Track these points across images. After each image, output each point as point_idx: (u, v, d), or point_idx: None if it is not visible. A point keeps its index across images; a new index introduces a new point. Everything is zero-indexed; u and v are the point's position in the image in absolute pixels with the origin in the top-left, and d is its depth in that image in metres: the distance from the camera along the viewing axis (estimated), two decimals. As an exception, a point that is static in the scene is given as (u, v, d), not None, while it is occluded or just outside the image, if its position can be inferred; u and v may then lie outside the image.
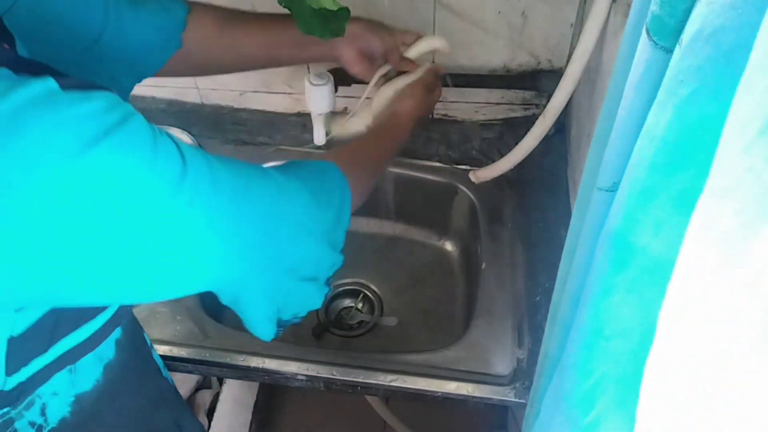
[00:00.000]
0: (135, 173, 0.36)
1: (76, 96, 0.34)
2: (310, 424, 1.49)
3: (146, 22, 0.65)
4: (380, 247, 1.18)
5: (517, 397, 0.77)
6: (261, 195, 0.47)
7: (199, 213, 0.40)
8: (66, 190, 0.33)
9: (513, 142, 0.97)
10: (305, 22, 0.70)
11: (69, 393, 0.50)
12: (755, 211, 0.26)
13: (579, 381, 0.42)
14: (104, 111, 0.35)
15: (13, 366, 0.43)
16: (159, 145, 0.38)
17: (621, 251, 0.35)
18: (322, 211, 0.54)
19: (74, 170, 0.33)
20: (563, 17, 0.94)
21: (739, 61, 0.24)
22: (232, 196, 0.44)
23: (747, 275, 0.28)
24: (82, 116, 0.34)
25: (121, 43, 0.63)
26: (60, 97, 0.34)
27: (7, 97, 0.32)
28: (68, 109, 0.33)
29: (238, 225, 0.44)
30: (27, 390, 0.46)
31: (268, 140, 1.17)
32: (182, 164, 0.39)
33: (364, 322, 1.09)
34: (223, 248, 0.43)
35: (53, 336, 0.45)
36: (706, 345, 0.32)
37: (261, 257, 0.47)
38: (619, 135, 0.38)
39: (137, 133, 0.37)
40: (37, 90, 0.33)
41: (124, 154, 0.35)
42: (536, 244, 0.95)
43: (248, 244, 0.45)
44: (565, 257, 0.55)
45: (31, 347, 0.44)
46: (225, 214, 0.43)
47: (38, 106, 0.32)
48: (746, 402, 0.33)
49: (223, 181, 0.43)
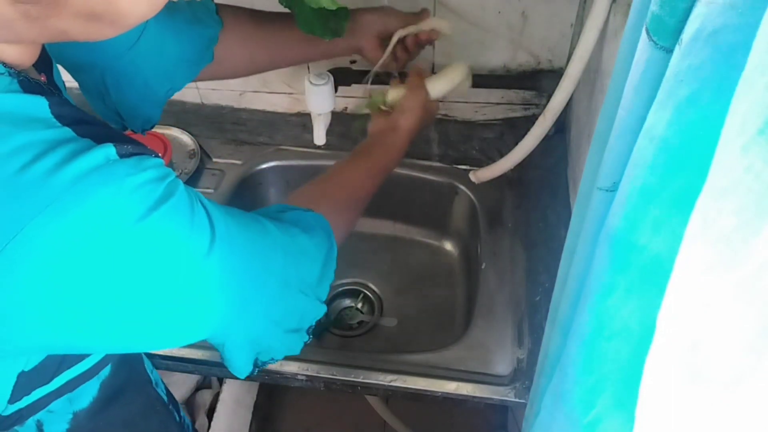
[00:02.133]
0: (176, 243, 0.39)
1: (132, 165, 0.37)
2: (310, 424, 1.49)
3: (181, 32, 0.67)
4: (380, 247, 1.18)
5: (517, 397, 0.77)
6: (260, 252, 0.50)
7: (217, 276, 0.43)
8: (117, 254, 0.36)
9: (513, 142, 0.97)
10: (306, 22, 0.70)
11: (67, 411, 0.52)
12: (754, 211, 0.26)
13: (579, 381, 0.42)
14: (155, 181, 0.38)
15: (17, 396, 0.45)
16: (195, 215, 0.41)
17: (621, 251, 0.35)
18: (310, 266, 0.56)
19: (127, 237, 0.36)
20: (563, 17, 0.94)
21: (739, 61, 0.24)
22: (241, 257, 0.46)
23: (746, 275, 0.28)
24: (138, 186, 0.37)
25: (155, 51, 0.65)
26: (118, 168, 0.36)
27: (71, 163, 0.34)
28: (126, 179, 0.36)
29: (241, 282, 0.47)
30: (24, 416, 0.47)
31: (268, 140, 1.17)
32: (211, 234, 0.42)
33: (364, 322, 1.09)
34: (227, 304, 0.46)
35: (58, 369, 0.47)
36: (705, 344, 0.32)
37: (252, 309, 0.50)
38: (619, 135, 0.38)
39: (181, 204, 0.40)
40: (99, 159, 0.36)
41: (169, 225, 0.38)
42: (536, 244, 0.95)
43: (244, 299, 0.48)
44: (565, 257, 0.55)
45: (37, 379, 0.46)
46: (234, 274, 0.45)
47: (100, 176, 0.35)
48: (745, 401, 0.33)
49: (237, 244, 0.46)
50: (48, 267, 0.34)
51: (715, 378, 0.33)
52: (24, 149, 0.34)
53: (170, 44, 0.66)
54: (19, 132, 0.34)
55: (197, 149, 1.15)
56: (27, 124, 0.35)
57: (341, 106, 1.15)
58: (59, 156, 0.34)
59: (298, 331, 0.56)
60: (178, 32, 0.66)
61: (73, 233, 0.34)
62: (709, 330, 0.32)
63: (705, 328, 0.32)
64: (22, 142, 0.34)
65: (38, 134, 0.35)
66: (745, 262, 0.28)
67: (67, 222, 0.34)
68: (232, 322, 0.48)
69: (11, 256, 0.33)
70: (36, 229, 0.33)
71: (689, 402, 0.35)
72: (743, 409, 0.34)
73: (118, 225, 0.36)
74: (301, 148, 1.15)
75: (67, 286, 0.36)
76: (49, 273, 0.35)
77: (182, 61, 0.69)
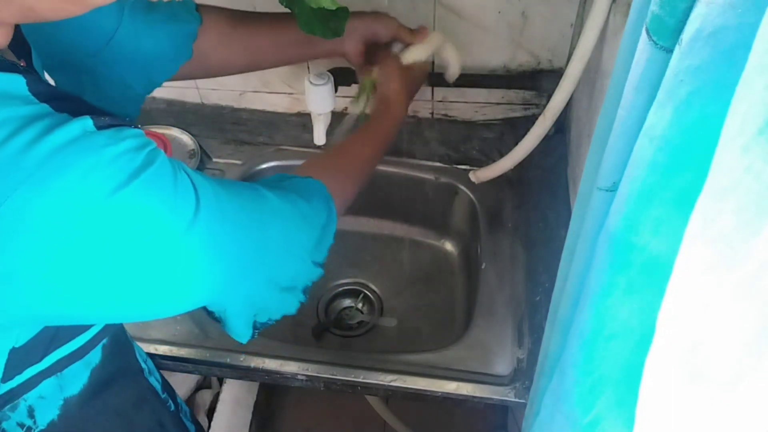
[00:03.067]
0: (157, 212, 0.39)
1: (110, 136, 0.37)
2: (310, 424, 1.49)
3: (158, 28, 0.66)
4: (380, 247, 1.18)
5: (517, 397, 0.77)
6: (257, 219, 0.51)
7: (205, 245, 0.43)
8: (97, 225, 0.37)
9: (513, 142, 0.97)
10: (306, 22, 0.70)
11: (58, 397, 0.52)
12: (754, 211, 0.26)
13: (579, 380, 0.42)
14: (134, 150, 0.38)
15: (9, 374, 0.45)
16: (179, 183, 0.41)
17: (621, 251, 0.35)
18: (308, 232, 0.57)
19: (106, 208, 0.37)
20: (563, 17, 0.94)
21: (739, 61, 0.24)
22: (233, 225, 0.47)
23: (746, 275, 0.28)
24: (117, 156, 0.37)
25: (132, 47, 0.64)
26: (96, 138, 0.37)
27: (48, 137, 0.35)
28: (104, 150, 0.37)
29: (234, 250, 0.47)
30: (15, 395, 0.48)
31: (268, 140, 1.17)
32: (196, 202, 0.42)
33: (364, 322, 1.09)
34: (220, 272, 0.46)
35: (49, 347, 0.48)
36: (705, 344, 0.32)
37: (248, 272, 0.50)
38: (619, 135, 0.38)
39: (161, 173, 0.40)
40: (77, 131, 0.36)
41: (150, 194, 0.39)
42: (536, 244, 0.95)
43: (240, 264, 0.49)
44: (565, 257, 0.55)
45: (28, 357, 0.46)
46: (225, 243, 0.46)
47: (77, 147, 0.36)
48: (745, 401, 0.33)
49: (227, 212, 0.46)
50: (32, 238, 0.35)
51: (715, 378, 0.33)
52: (3, 124, 0.35)
53: (146, 40, 0.65)
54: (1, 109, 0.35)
55: (197, 149, 1.15)
56: (3, 101, 0.36)
57: (341, 106, 1.14)
58: (36, 130, 0.35)
59: (292, 289, 0.56)
60: (154, 28, 0.66)
61: (55, 204, 0.35)
62: (709, 330, 0.32)
63: (705, 328, 0.32)
64: (2, 117, 0.35)
65: (15, 110, 0.35)
66: (745, 262, 0.28)
67: (48, 194, 0.34)
68: (228, 288, 0.49)
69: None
70: (18, 201, 0.34)
71: (689, 402, 0.35)
72: (743, 409, 0.34)
73: (98, 195, 0.36)
74: (301, 148, 1.15)
75: (52, 257, 0.36)
76: (33, 244, 0.35)
77: (159, 58, 0.68)
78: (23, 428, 0.51)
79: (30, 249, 0.35)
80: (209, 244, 0.44)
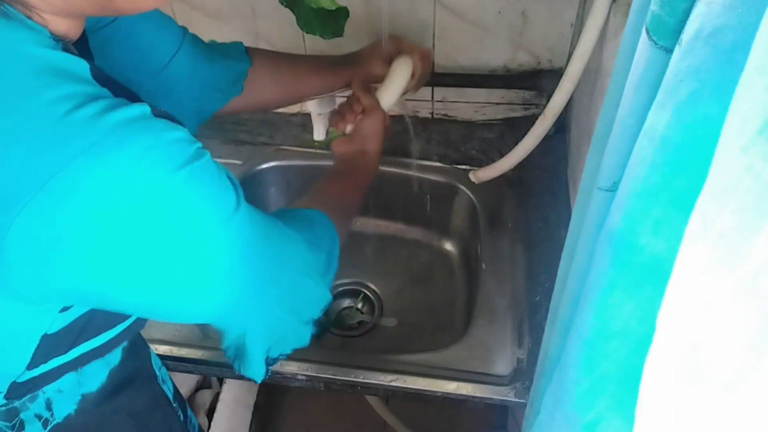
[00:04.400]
0: (203, 200, 0.41)
1: (166, 123, 0.39)
2: (310, 424, 1.49)
3: (214, 60, 0.71)
4: (380, 247, 1.18)
5: (517, 397, 0.77)
6: (274, 240, 0.52)
7: (239, 242, 0.45)
8: (148, 202, 0.38)
9: (513, 142, 0.97)
10: (306, 22, 0.70)
11: (76, 392, 0.54)
12: (754, 211, 0.26)
13: (578, 380, 0.42)
14: (187, 141, 0.40)
15: (35, 362, 0.46)
16: (222, 180, 0.43)
17: (621, 251, 0.35)
18: (316, 256, 0.59)
19: (162, 187, 0.38)
20: (563, 17, 0.94)
21: (739, 61, 0.24)
22: (259, 238, 0.48)
23: (746, 274, 0.28)
24: (173, 141, 0.39)
25: (189, 71, 0.69)
26: (154, 122, 0.39)
27: (111, 113, 0.36)
28: (162, 133, 0.38)
29: (257, 261, 0.48)
30: (36, 386, 0.49)
31: (268, 140, 1.17)
32: (236, 202, 0.44)
33: (364, 322, 1.09)
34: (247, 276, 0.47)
35: (77, 340, 0.48)
36: (705, 344, 0.32)
37: (269, 295, 0.52)
38: (619, 135, 0.38)
39: (209, 166, 0.42)
40: (136, 112, 0.38)
41: (200, 182, 0.40)
42: (536, 244, 0.95)
43: (262, 281, 0.50)
44: (565, 257, 0.55)
45: (57, 347, 0.47)
46: (255, 248, 0.47)
47: (138, 126, 0.37)
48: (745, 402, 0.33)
49: (257, 223, 0.48)
50: (86, 206, 0.36)
51: (715, 378, 0.33)
52: (69, 98, 0.36)
53: (202, 69, 0.70)
54: (65, 83, 0.37)
55: (197, 149, 1.15)
56: (70, 78, 0.37)
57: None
58: (101, 106, 0.36)
59: (307, 319, 0.58)
60: (211, 60, 0.71)
61: (112, 175, 0.36)
62: (709, 330, 0.32)
63: (705, 328, 0.32)
64: (68, 91, 0.36)
65: (80, 87, 0.37)
66: (744, 262, 0.28)
67: (108, 165, 0.36)
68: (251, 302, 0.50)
69: (51, 193, 0.35)
70: (77, 168, 0.35)
71: (689, 402, 0.35)
72: (743, 409, 0.34)
73: (155, 171, 0.37)
74: (301, 148, 1.15)
75: (100, 227, 0.37)
76: (86, 212, 0.36)
77: (212, 88, 0.73)
78: (40, 420, 0.52)
79: (80, 217, 0.36)
80: (243, 242, 0.45)
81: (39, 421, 0.51)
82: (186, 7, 1.03)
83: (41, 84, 0.36)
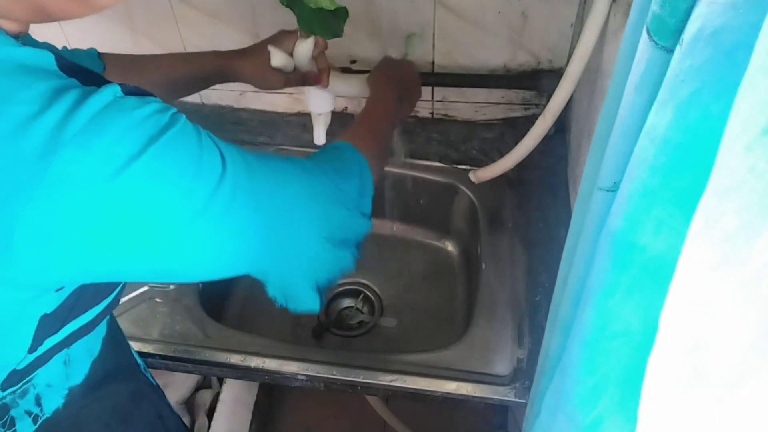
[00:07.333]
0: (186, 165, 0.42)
1: (137, 100, 0.41)
2: (310, 424, 1.49)
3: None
4: (380, 247, 1.18)
5: (517, 397, 0.77)
6: (294, 179, 0.53)
7: (237, 205, 0.45)
8: (139, 180, 0.39)
9: (513, 142, 0.97)
10: (306, 22, 0.70)
11: (64, 386, 0.55)
12: (757, 211, 0.26)
13: (580, 381, 0.42)
14: (160, 112, 0.41)
15: (34, 345, 0.47)
16: (203, 143, 0.44)
17: (622, 251, 0.35)
18: (347, 183, 0.59)
19: (142, 162, 0.39)
20: (563, 17, 0.94)
21: (741, 61, 0.24)
22: (268, 185, 0.49)
23: (748, 275, 0.28)
24: (145, 118, 0.40)
25: None
26: (127, 102, 0.40)
27: (85, 104, 0.38)
28: (134, 112, 0.40)
29: (276, 209, 0.49)
30: (30, 370, 0.50)
31: (268, 140, 1.17)
32: (222, 164, 0.44)
33: (364, 322, 1.09)
34: (264, 232, 0.48)
35: (68, 317, 0.49)
36: (707, 345, 0.32)
37: (295, 231, 0.52)
38: (620, 135, 0.38)
39: (186, 131, 0.43)
40: (109, 96, 0.39)
41: (177, 149, 0.42)
42: (536, 244, 0.95)
43: (288, 223, 0.50)
44: (566, 257, 0.55)
45: (52, 325, 0.48)
46: (263, 202, 0.48)
47: (112, 110, 0.39)
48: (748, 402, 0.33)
49: (259, 173, 0.48)
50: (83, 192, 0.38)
51: (718, 378, 0.33)
52: (44, 94, 0.38)
53: None
54: (38, 80, 0.38)
55: (197, 149, 1.15)
56: (38, 74, 0.39)
57: (341, 106, 1.15)
58: (73, 98, 0.38)
59: (346, 244, 0.58)
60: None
61: (99, 161, 0.38)
62: (711, 330, 0.32)
63: (707, 328, 0.32)
64: (43, 88, 0.38)
65: (51, 83, 0.38)
66: (747, 262, 0.28)
67: (93, 151, 0.38)
68: (276, 249, 0.50)
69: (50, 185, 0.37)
70: (67, 158, 0.37)
71: (691, 402, 0.35)
72: (746, 409, 0.34)
73: (133, 151, 0.39)
74: (301, 148, 1.15)
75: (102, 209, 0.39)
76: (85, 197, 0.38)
77: None
78: (30, 416, 0.52)
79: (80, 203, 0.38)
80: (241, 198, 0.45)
81: (29, 417, 0.52)
82: (186, 7, 1.03)
83: (16, 85, 0.37)
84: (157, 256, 0.43)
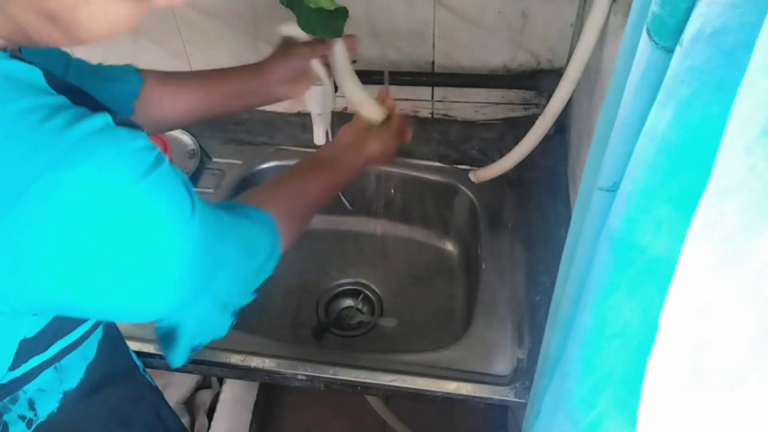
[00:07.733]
0: (163, 208, 0.42)
1: (128, 132, 0.40)
2: (310, 424, 1.49)
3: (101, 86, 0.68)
4: (380, 247, 1.18)
5: (517, 397, 0.77)
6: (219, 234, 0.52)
7: (190, 249, 0.46)
8: (118, 212, 0.39)
9: (513, 142, 0.97)
10: (306, 22, 0.70)
11: (58, 390, 0.54)
12: (757, 211, 0.26)
13: (580, 381, 0.42)
14: (149, 149, 0.41)
15: (16, 363, 0.46)
16: (179, 187, 0.44)
17: (622, 251, 0.35)
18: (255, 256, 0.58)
19: (127, 196, 0.39)
20: (563, 17, 0.94)
21: (741, 61, 0.24)
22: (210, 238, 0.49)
23: (749, 275, 0.28)
24: (136, 150, 0.40)
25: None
26: (117, 132, 0.40)
27: (78, 124, 0.38)
28: (126, 143, 0.40)
29: (206, 261, 0.49)
30: (17, 385, 0.49)
31: (268, 140, 1.17)
32: (191, 206, 0.45)
33: (364, 323, 1.09)
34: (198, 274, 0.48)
35: (54, 337, 0.49)
36: (707, 345, 0.32)
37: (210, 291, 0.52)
38: (620, 135, 0.38)
39: (168, 173, 0.43)
40: (101, 123, 0.39)
41: (160, 190, 0.42)
42: (536, 244, 0.95)
43: (207, 280, 0.50)
44: (566, 257, 0.55)
45: (35, 347, 0.47)
46: (203, 252, 0.48)
47: (103, 136, 0.39)
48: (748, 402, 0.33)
49: (211, 224, 0.49)
50: (58, 216, 0.37)
51: (718, 378, 0.33)
52: (34, 110, 0.37)
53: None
54: (25, 96, 0.37)
55: (197, 149, 1.15)
56: (29, 90, 0.38)
57: (341, 106, 1.15)
58: (66, 117, 0.38)
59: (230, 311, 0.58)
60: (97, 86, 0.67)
61: (82, 186, 0.37)
62: (711, 330, 0.32)
63: (708, 328, 0.32)
64: (31, 104, 0.37)
65: (41, 99, 0.38)
66: (747, 263, 0.28)
67: (78, 175, 0.37)
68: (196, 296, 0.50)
69: (27, 204, 0.36)
70: (50, 179, 0.36)
71: (692, 402, 0.35)
72: (746, 409, 0.34)
73: (122, 181, 0.39)
74: (301, 148, 1.15)
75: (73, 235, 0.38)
76: (58, 221, 0.37)
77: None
78: (24, 420, 0.52)
79: (52, 227, 0.37)
80: (196, 245, 0.46)
81: (23, 422, 0.52)
82: (186, 7, 1.03)
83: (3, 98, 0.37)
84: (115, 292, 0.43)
